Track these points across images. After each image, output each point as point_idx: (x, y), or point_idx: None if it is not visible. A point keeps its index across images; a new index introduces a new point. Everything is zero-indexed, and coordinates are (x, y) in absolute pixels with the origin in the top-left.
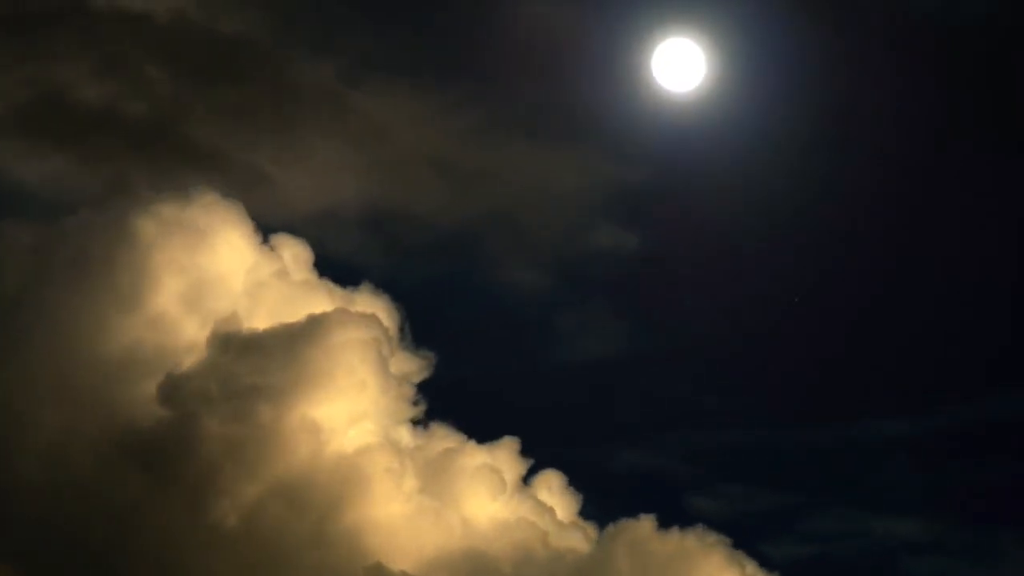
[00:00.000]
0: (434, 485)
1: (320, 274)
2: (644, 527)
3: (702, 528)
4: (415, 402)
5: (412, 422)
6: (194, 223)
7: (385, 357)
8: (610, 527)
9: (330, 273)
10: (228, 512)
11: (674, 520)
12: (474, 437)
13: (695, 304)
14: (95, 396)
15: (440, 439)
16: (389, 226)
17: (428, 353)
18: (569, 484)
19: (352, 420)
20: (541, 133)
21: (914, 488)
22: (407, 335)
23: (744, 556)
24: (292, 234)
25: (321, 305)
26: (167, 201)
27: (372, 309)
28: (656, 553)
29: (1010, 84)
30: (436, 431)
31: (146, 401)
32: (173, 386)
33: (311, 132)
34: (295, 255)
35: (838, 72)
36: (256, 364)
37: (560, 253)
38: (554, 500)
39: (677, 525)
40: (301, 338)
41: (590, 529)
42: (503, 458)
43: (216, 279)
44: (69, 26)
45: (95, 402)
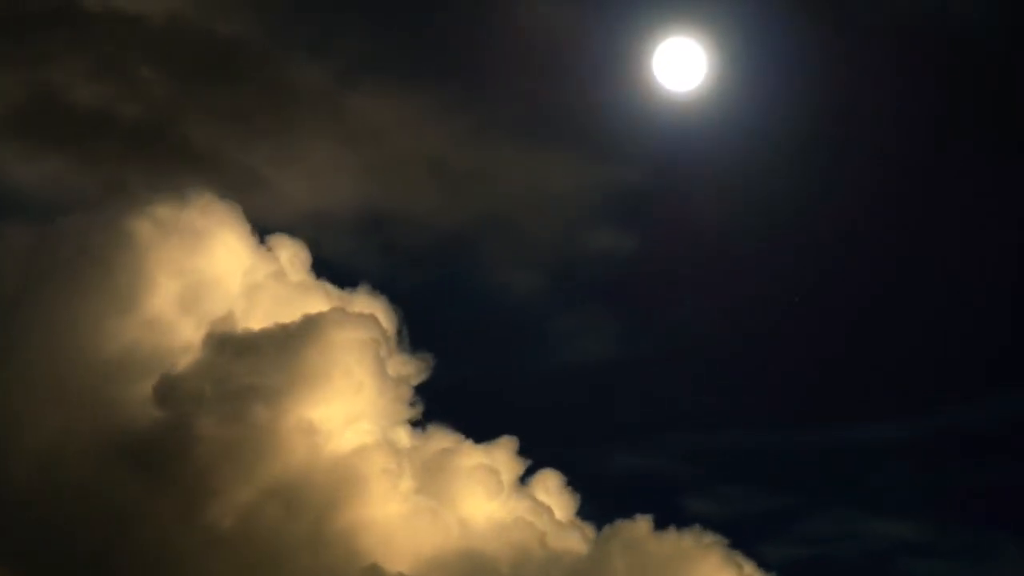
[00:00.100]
0: (431, 485)
1: (316, 276)
2: (641, 527)
3: (699, 528)
4: (412, 403)
5: (410, 423)
6: (190, 224)
7: (383, 358)
8: (607, 527)
9: (326, 275)
10: (224, 513)
11: (672, 521)
12: (471, 438)
13: (694, 305)
14: (92, 397)
15: (437, 439)
16: (385, 228)
17: (426, 355)
18: (567, 484)
19: (349, 421)
20: (539, 134)
21: (912, 489)
22: (404, 337)
23: (741, 556)
24: (289, 235)
25: (318, 306)
26: (163, 202)
27: (370, 310)
28: (653, 553)
29: (1010, 84)
30: (433, 432)
31: (142, 402)
32: (169, 387)
33: (307, 134)
34: (292, 256)
35: (838, 72)
36: (252, 365)
37: (558, 254)
38: (552, 500)
39: (674, 526)
40: (297, 338)
41: (588, 529)
42: (500, 458)
43: (213, 280)
44: (65, 27)
45: (92, 403)
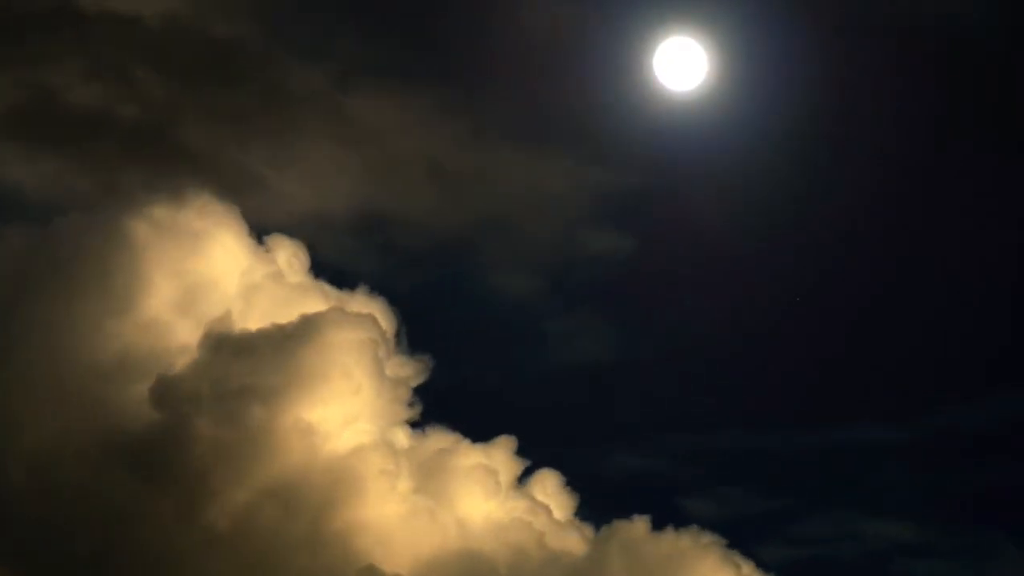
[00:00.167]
0: (429, 485)
1: (315, 277)
2: (639, 528)
3: (697, 529)
4: (411, 404)
5: (408, 424)
6: (188, 225)
7: (381, 359)
8: (605, 528)
9: (325, 276)
10: (222, 513)
11: (670, 521)
12: (470, 439)
13: (693, 305)
14: (89, 398)
15: (435, 440)
16: (384, 229)
17: (424, 356)
18: (565, 484)
19: (347, 422)
20: (539, 135)
21: (912, 490)
22: (403, 338)
23: (740, 556)
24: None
25: (316, 307)
26: (161, 203)
27: (368, 311)
28: (651, 554)
29: (1010, 84)
30: (432, 433)
31: (140, 403)
32: (166, 388)
33: (305, 135)
34: (290, 257)
35: (838, 72)
36: (249, 365)
37: (557, 256)
38: (550, 500)
39: (672, 526)
40: (295, 339)
41: (586, 529)
42: (499, 458)
43: (210, 281)
44: (62, 29)
45: (89, 404)
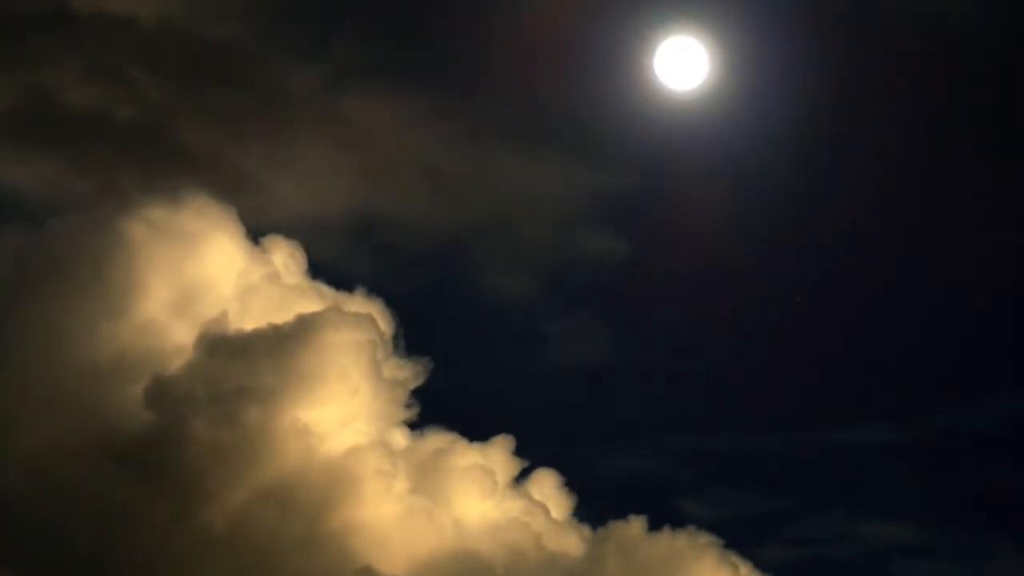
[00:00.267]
0: (426, 486)
1: (311, 278)
2: (636, 528)
3: (694, 529)
4: (408, 406)
5: (405, 425)
6: (185, 226)
7: (379, 360)
8: (602, 529)
9: (320, 278)
10: (218, 514)
11: (669, 522)
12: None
13: (693, 305)
14: (86, 399)
15: (432, 440)
16: (379, 232)
17: (421, 359)
18: (563, 485)
19: (343, 422)
20: (537, 136)
21: (911, 491)
22: (400, 340)
23: (737, 557)
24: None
25: (313, 309)
26: (157, 204)
27: (366, 312)
28: (648, 554)
29: (1010, 84)
30: (429, 434)
31: (137, 404)
32: (160, 389)
33: (301, 136)
34: (287, 259)
35: (838, 72)
36: (245, 366)
37: (554, 257)
38: (548, 501)
39: (670, 527)
40: (291, 339)
41: (584, 530)
42: (496, 458)
43: (207, 282)
44: (57, 30)
45: (85, 405)
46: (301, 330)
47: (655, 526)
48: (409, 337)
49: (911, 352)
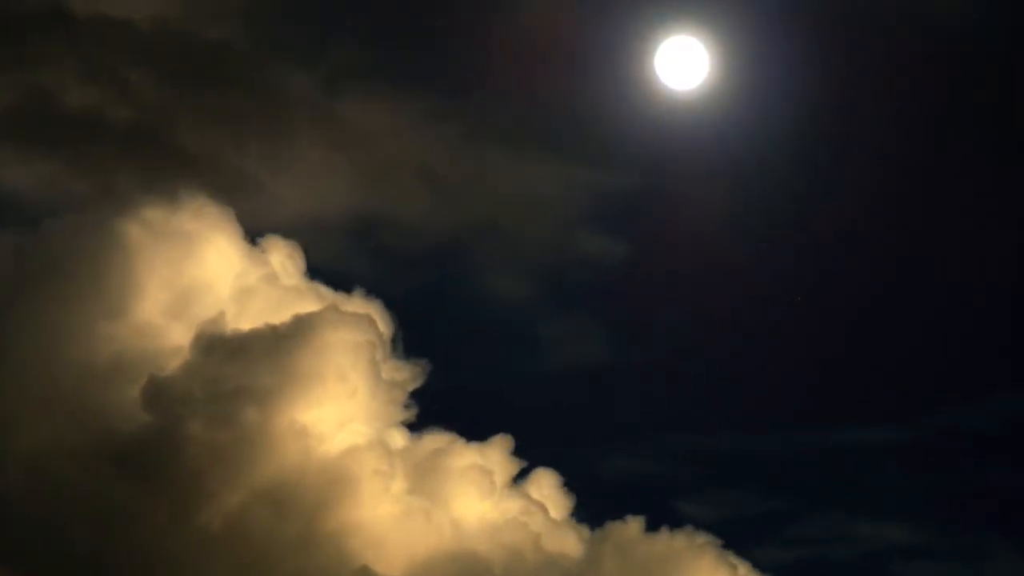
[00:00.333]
0: (424, 486)
1: (309, 280)
2: (634, 528)
3: (692, 529)
4: (407, 407)
5: (404, 426)
6: (182, 227)
7: (377, 361)
8: (600, 529)
9: (319, 280)
10: (215, 515)
11: (667, 523)
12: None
13: (691, 306)
14: (83, 400)
15: (430, 440)
16: (377, 233)
17: (419, 360)
18: (562, 485)
19: (341, 423)
20: (536, 137)
21: (911, 491)
22: (399, 342)
23: (735, 557)
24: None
25: (311, 309)
26: (155, 205)
27: (364, 312)
28: (647, 555)
29: (1010, 84)
30: (427, 434)
31: (134, 405)
32: (157, 390)
33: (299, 138)
34: (285, 260)
35: (838, 72)
36: (243, 367)
37: (552, 258)
38: (546, 501)
39: (668, 527)
40: (289, 340)
41: (582, 530)
42: (494, 458)
43: (205, 283)
44: (54, 31)
45: (83, 406)
46: (299, 331)
47: (653, 526)
48: (408, 338)
49: (911, 352)
